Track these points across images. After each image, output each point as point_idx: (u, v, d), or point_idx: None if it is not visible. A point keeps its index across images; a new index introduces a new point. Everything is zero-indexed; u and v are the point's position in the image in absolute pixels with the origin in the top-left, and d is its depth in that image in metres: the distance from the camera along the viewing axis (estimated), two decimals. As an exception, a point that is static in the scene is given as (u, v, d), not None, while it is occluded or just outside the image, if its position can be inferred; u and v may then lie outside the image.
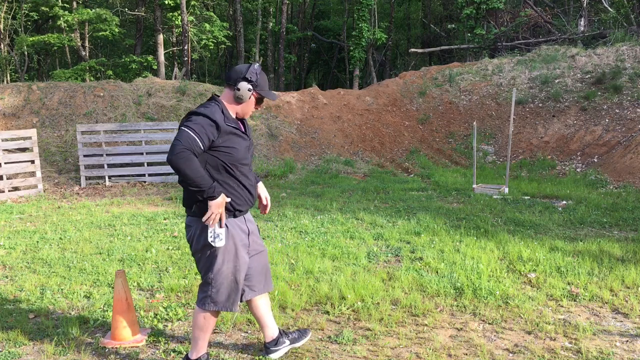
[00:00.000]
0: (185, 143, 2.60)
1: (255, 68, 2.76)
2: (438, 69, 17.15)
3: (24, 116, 11.93)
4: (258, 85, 2.77)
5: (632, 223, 6.73)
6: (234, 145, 2.75)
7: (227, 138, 2.73)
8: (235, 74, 2.77)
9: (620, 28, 17.37)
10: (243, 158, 2.82)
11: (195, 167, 2.61)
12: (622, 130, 11.85)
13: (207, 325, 2.99)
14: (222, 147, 2.73)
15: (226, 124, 2.73)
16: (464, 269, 4.90)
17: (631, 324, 3.82)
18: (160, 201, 8.83)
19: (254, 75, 2.75)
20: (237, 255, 2.89)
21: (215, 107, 2.75)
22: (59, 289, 4.57)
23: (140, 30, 23.51)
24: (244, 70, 2.76)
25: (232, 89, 2.78)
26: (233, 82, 2.77)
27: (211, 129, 2.66)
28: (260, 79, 2.78)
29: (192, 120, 2.66)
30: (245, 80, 2.74)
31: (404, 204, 8.21)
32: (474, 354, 3.38)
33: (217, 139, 2.70)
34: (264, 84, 2.80)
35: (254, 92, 2.78)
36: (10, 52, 21.48)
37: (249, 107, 2.83)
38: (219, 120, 2.69)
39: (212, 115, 2.68)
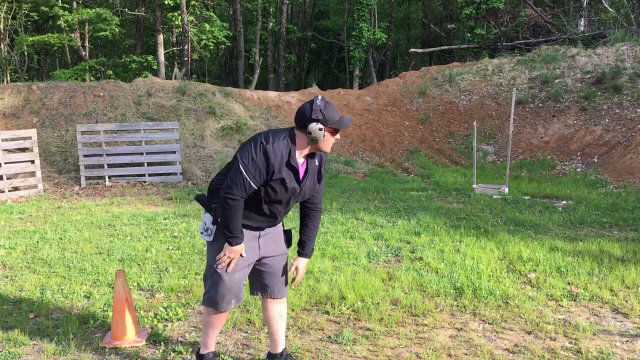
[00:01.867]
0: (241, 190, 2.65)
1: (318, 104, 2.66)
2: (438, 69, 17.15)
3: (24, 116, 11.93)
4: (328, 121, 2.67)
5: (632, 223, 6.73)
6: (276, 189, 2.73)
7: (276, 182, 2.71)
8: (302, 118, 2.69)
9: (620, 28, 17.38)
10: (280, 201, 2.80)
11: (238, 217, 2.70)
12: (622, 130, 11.85)
13: (211, 321, 2.98)
14: (269, 184, 2.72)
15: (284, 166, 2.69)
16: (464, 269, 4.90)
17: (631, 324, 3.82)
18: (160, 201, 8.83)
19: (319, 113, 2.65)
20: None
21: (283, 142, 2.68)
22: (59, 289, 4.57)
23: (140, 30, 23.52)
24: (308, 111, 2.67)
25: (304, 132, 2.70)
26: (302, 126, 2.69)
27: (266, 169, 2.65)
28: (327, 113, 2.67)
29: (253, 159, 2.63)
30: (314, 121, 2.66)
31: (404, 204, 8.21)
32: (474, 354, 3.38)
33: (268, 179, 2.69)
34: (332, 115, 2.69)
35: (326, 128, 2.69)
36: (10, 52, 21.48)
37: (327, 142, 2.73)
38: (276, 162, 2.65)
39: (275, 156, 2.64)
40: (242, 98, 14.24)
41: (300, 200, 2.90)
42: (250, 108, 13.97)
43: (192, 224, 6.93)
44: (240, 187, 2.64)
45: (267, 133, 2.73)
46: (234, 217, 2.69)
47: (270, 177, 2.67)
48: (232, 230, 2.72)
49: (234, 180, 2.65)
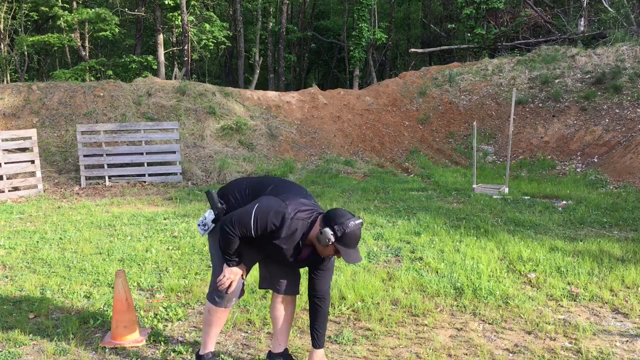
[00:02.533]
0: (239, 230, 2.70)
1: (350, 225, 2.60)
2: (438, 69, 17.15)
3: (24, 116, 11.93)
4: (340, 242, 2.62)
5: (632, 223, 6.73)
6: (265, 249, 2.81)
7: (266, 244, 2.75)
8: (330, 217, 2.65)
9: (620, 28, 17.37)
10: (275, 258, 2.87)
11: (232, 248, 2.77)
12: (622, 130, 11.85)
13: (211, 319, 3.00)
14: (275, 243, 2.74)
15: (286, 243, 2.72)
16: (464, 269, 4.90)
17: (631, 324, 3.82)
18: (160, 201, 8.83)
19: (341, 231, 2.59)
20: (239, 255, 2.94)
21: (302, 226, 2.70)
22: (59, 289, 4.57)
23: (140, 30, 23.51)
24: (338, 218, 2.63)
25: (320, 227, 2.66)
26: (324, 222, 2.66)
27: (271, 233, 2.69)
28: (347, 238, 2.61)
29: (266, 213, 2.65)
30: (332, 229, 2.61)
31: (404, 204, 8.21)
32: (474, 354, 3.38)
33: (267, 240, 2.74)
34: (348, 242, 2.62)
35: (334, 244, 2.64)
36: (10, 52, 21.48)
37: (324, 251, 2.72)
38: (283, 236, 2.69)
39: (285, 232, 2.68)
40: (242, 98, 14.24)
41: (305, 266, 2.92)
42: (250, 108, 13.97)
43: (192, 224, 6.93)
44: (239, 228, 2.68)
45: (298, 202, 2.73)
46: (230, 245, 2.75)
47: (269, 237, 2.69)
48: (229, 253, 2.79)
49: (238, 219, 2.69)
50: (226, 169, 11.03)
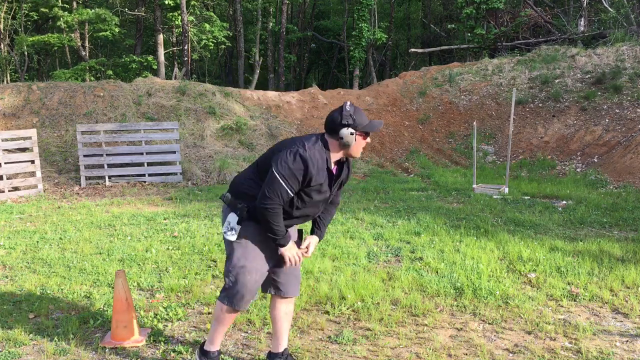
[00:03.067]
0: (279, 199, 2.69)
1: (348, 109, 2.73)
2: (438, 69, 17.15)
3: (24, 116, 11.93)
4: (358, 125, 2.73)
5: (632, 223, 6.73)
6: (312, 195, 2.79)
7: (312, 189, 2.76)
8: (332, 125, 2.75)
9: (620, 28, 17.38)
10: (313, 205, 2.86)
11: (279, 221, 2.75)
12: (622, 130, 11.85)
13: (224, 318, 2.99)
14: (302, 192, 2.77)
15: (321, 172, 2.74)
16: (464, 269, 4.90)
17: (631, 324, 3.82)
18: (160, 201, 8.83)
19: (350, 118, 2.72)
20: (255, 256, 2.88)
21: (319, 150, 2.74)
22: (59, 289, 4.57)
23: (140, 30, 23.51)
24: (338, 117, 2.73)
25: (335, 138, 2.75)
26: (333, 132, 2.75)
27: (304, 177, 2.70)
28: (357, 118, 2.73)
29: (290, 167, 2.66)
30: (345, 127, 2.72)
31: (404, 204, 8.21)
32: (474, 354, 3.38)
33: (304, 185, 2.74)
34: (361, 120, 2.75)
35: (357, 133, 2.76)
36: (10, 52, 21.48)
37: (358, 147, 2.81)
38: (314, 168, 2.69)
39: (312, 163, 2.68)
40: (242, 98, 14.24)
41: (324, 200, 2.94)
42: (250, 108, 13.97)
43: (192, 224, 6.93)
44: (278, 196, 2.68)
45: (299, 140, 2.78)
46: (277, 223, 2.74)
47: (307, 184, 2.71)
48: (279, 233, 2.77)
49: (270, 190, 2.67)
50: (226, 169, 11.03)
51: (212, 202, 8.50)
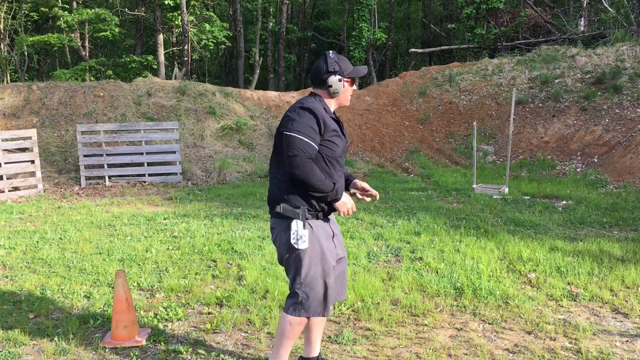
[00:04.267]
0: (305, 152, 2.59)
1: (332, 57, 2.74)
2: (438, 69, 17.15)
3: (24, 116, 11.93)
4: (345, 71, 2.76)
5: (632, 223, 6.73)
6: (336, 142, 2.74)
7: (331, 135, 2.72)
8: (319, 74, 2.77)
9: (620, 28, 17.37)
10: (340, 156, 2.80)
11: (318, 176, 2.63)
12: (622, 130, 11.85)
13: (293, 332, 2.84)
14: (325, 141, 2.71)
15: (331, 122, 2.73)
16: (464, 269, 4.90)
17: (631, 324, 3.82)
18: (160, 201, 8.83)
19: (335, 65, 2.73)
20: (324, 257, 2.77)
21: (318, 103, 2.74)
22: (59, 289, 4.57)
23: (140, 30, 23.51)
24: (324, 65, 2.74)
25: (324, 87, 2.77)
26: (321, 82, 2.77)
27: (317, 124, 2.65)
28: (342, 64, 2.76)
29: (299, 121, 2.62)
30: (332, 74, 2.73)
31: (404, 204, 8.21)
32: (474, 354, 3.38)
33: (324, 134, 2.69)
34: (347, 66, 2.79)
35: (344, 79, 2.78)
36: (10, 52, 21.48)
37: (347, 94, 2.83)
38: (324, 116, 2.68)
39: (318, 110, 2.67)
40: (242, 98, 14.24)
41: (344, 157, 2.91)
42: (250, 108, 13.97)
43: (192, 224, 6.93)
44: (303, 151, 2.58)
45: (297, 102, 2.76)
46: (318, 178, 2.63)
47: (325, 130, 2.67)
48: (326, 188, 2.66)
49: (293, 149, 2.57)
50: (226, 169, 11.03)
51: (212, 202, 8.50)
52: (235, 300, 4.21)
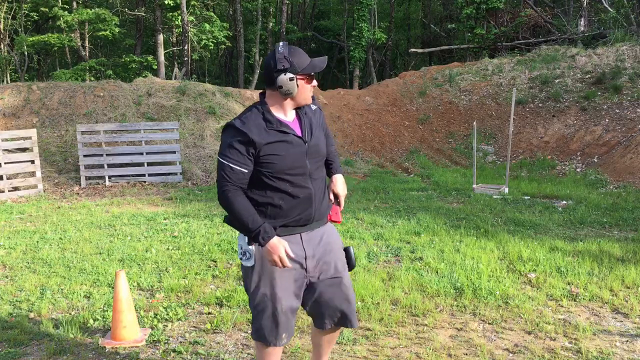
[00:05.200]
0: (226, 179, 2.29)
1: (280, 52, 2.29)
2: (438, 69, 17.15)
3: (24, 116, 11.93)
4: (298, 67, 2.29)
5: (632, 223, 6.72)
6: (278, 153, 2.30)
7: (272, 146, 2.30)
8: (268, 72, 2.34)
9: (620, 28, 17.37)
10: (292, 167, 2.33)
11: (238, 207, 2.28)
12: (622, 130, 11.85)
13: (263, 357, 2.51)
14: (264, 156, 2.30)
15: (266, 132, 2.30)
16: (464, 269, 4.90)
17: (631, 324, 3.82)
18: (160, 201, 8.83)
19: (285, 62, 2.28)
20: (274, 281, 2.38)
21: (250, 114, 2.34)
22: (59, 289, 4.57)
23: (140, 30, 23.52)
24: (272, 62, 2.30)
25: (275, 88, 2.34)
26: (271, 82, 2.35)
27: (244, 145, 2.28)
28: (295, 59, 2.29)
29: (223, 142, 2.32)
30: (281, 72, 2.28)
31: (404, 204, 8.21)
32: (474, 354, 3.38)
33: (257, 152, 2.29)
34: (301, 60, 2.31)
35: (297, 76, 2.31)
36: (10, 52, 21.49)
37: (303, 92, 2.36)
38: (252, 132, 2.27)
39: (243, 127, 2.28)
40: (242, 98, 14.23)
41: (320, 157, 2.47)
42: (250, 108, 13.95)
43: (192, 224, 6.93)
44: (226, 175, 2.28)
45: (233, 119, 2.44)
46: (240, 210, 2.27)
47: (259, 146, 2.27)
48: (249, 223, 2.27)
49: (219, 173, 2.31)
50: (226, 169, 11.02)
51: (212, 202, 8.50)
52: (235, 300, 4.21)
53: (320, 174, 2.47)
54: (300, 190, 2.36)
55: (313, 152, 2.40)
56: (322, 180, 2.48)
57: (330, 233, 2.55)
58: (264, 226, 2.28)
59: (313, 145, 2.41)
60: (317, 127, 2.47)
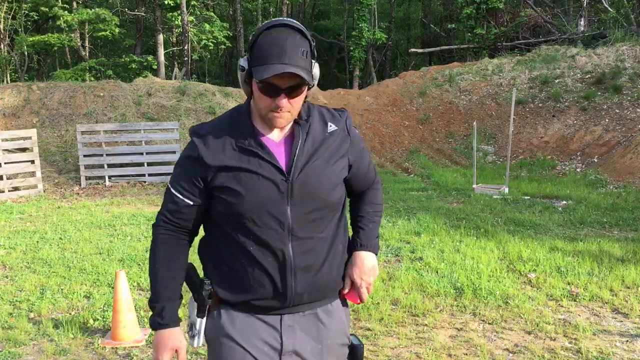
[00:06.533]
0: (163, 214, 1.62)
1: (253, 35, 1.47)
2: (438, 69, 17.15)
3: (24, 116, 11.93)
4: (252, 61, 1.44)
5: (632, 223, 6.72)
6: (236, 188, 1.48)
7: (226, 177, 1.50)
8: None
9: (620, 28, 17.37)
10: (258, 214, 1.49)
11: (156, 260, 1.61)
12: (622, 130, 11.85)
13: None
14: (215, 191, 1.52)
15: (230, 150, 1.50)
16: (464, 269, 4.90)
17: (631, 324, 3.82)
18: (160, 201, 8.82)
19: (248, 55, 1.47)
20: None
21: (221, 120, 1.57)
22: (59, 289, 4.57)
23: (140, 30, 23.52)
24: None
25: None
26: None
27: (192, 166, 1.53)
28: (257, 51, 1.43)
29: (177, 161, 1.62)
30: (241, 69, 1.50)
31: (404, 204, 8.21)
32: (474, 354, 3.38)
33: (209, 180, 1.52)
34: (263, 54, 1.42)
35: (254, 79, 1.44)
36: (10, 52, 21.49)
37: (259, 102, 1.48)
38: (205, 147, 1.51)
39: (198, 138, 1.53)
40: (242, 98, 14.23)
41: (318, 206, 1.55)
42: (250, 108, 13.96)
43: (192, 224, 6.93)
44: (165, 207, 1.60)
45: None
46: (156, 265, 1.60)
47: (210, 179, 1.51)
48: (152, 292, 1.58)
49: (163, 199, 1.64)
50: (226, 169, 11.03)
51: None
52: (235, 300, 4.20)
53: (316, 233, 1.57)
54: (266, 253, 1.52)
55: (301, 195, 1.51)
56: (322, 241, 1.59)
57: (333, 320, 1.70)
58: (166, 306, 1.55)
59: (302, 185, 1.50)
60: (323, 157, 1.55)
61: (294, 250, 1.53)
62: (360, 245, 1.76)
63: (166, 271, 1.61)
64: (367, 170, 1.76)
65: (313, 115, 1.60)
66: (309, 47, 1.50)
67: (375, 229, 1.81)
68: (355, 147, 1.66)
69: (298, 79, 1.45)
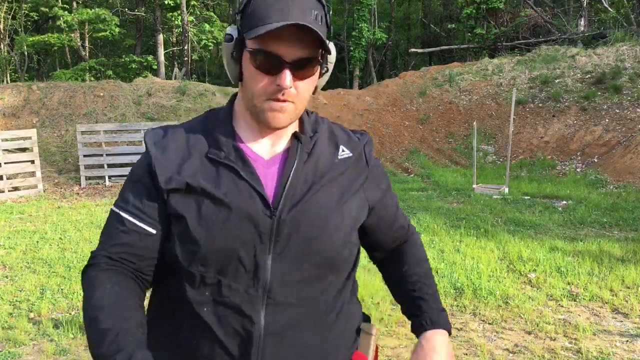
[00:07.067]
0: (101, 241, 1.08)
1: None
2: (438, 69, 17.15)
3: (24, 116, 11.93)
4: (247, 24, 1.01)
5: (632, 223, 6.72)
6: (196, 219, 1.02)
7: (182, 202, 1.04)
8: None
9: (620, 28, 17.38)
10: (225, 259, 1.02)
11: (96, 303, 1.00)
12: (622, 130, 11.85)
13: None
14: (171, 217, 1.05)
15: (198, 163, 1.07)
16: (464, 269, 4.90)
17: (631, 324, 3.82)
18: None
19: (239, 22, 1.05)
20: None
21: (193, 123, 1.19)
22: (59, 289, 4.57)
23: (140, 30, 23.53)
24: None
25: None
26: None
27: (147, 181, 1.08)
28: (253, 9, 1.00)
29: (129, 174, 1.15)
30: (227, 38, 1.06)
31: (404, 204, 8.21)
32: (474, 354, 3.38)
33: (167, 197, 1.05)
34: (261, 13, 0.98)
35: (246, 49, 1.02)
36: (10, 52, 21.49)
37: (253, 85, 1.03)
38: (162, 157, 1.08)
39: (154, 145, 1.12)
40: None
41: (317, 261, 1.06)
42: (250, 108, 13.96)
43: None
44: (108, 237, 1.07)
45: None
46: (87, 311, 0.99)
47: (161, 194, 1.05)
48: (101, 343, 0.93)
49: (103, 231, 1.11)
50: (226, 169, 11.03)
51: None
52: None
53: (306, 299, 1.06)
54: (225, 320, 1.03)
55: (293, 242, 1.03)
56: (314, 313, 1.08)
57: None
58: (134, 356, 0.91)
59: (294, 226, 1.03)
60: (330, 191, 1.08)
61: (268, 320, 1.02)
62: (431, 322, 1.17)
63: (125, 311, 0.99)
64: (396, 215, 1.26)
65: (320, 132, 1.13)
66: (324, 12, 1.05)
67: (438, 297, 1.23)
68: (376, 183, 1.18)
69: (309, 50, 1.00)
